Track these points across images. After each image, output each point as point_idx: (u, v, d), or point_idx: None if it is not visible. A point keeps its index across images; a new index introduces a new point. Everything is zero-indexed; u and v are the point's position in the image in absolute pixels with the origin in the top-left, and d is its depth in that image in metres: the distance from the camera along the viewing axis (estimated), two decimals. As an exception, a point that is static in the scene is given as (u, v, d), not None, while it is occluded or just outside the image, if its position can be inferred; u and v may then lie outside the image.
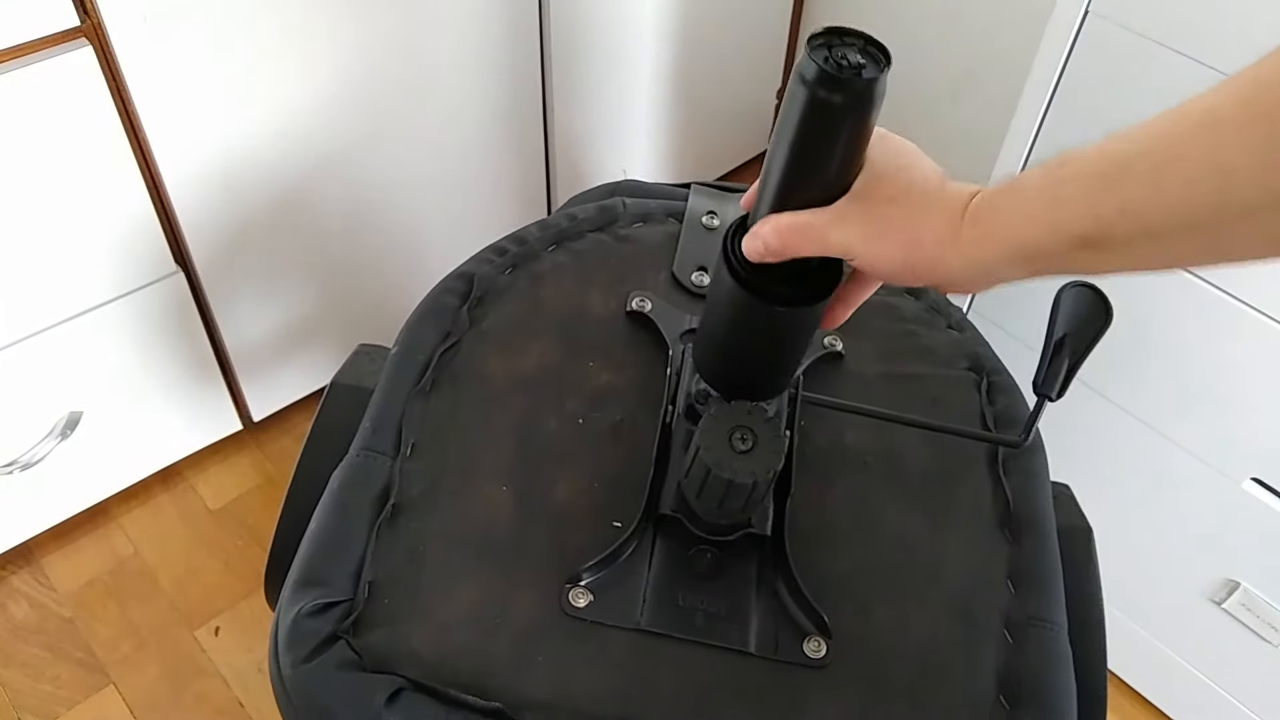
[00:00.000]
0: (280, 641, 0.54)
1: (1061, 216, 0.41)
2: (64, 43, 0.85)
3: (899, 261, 0.47)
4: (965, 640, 0.58)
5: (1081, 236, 0.41)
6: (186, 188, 1.00)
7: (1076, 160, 0.41)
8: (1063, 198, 0.41)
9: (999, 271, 0.45)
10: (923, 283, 0.48)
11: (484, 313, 0.70)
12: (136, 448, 1.17)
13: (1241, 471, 0.89)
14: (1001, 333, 1.00)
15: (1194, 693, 1.06)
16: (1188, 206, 0.37)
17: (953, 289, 0.48)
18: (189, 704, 1.09)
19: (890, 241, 0.47)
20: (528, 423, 0.64)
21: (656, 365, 0.67)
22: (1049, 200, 0.42)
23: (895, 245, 0.47)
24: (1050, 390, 0.61)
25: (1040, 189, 0.43)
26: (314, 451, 0.67)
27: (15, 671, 1.10)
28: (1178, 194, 0.37)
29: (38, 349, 1.00)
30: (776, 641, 0.56)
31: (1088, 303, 0.62)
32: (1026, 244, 0.43)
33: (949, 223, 0.45)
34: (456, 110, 1.17)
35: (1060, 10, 0.82)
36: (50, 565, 1.19)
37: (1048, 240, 0.42)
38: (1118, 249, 0.40)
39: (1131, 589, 1.03)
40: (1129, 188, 0.39)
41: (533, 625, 0.55)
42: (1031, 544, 0.62)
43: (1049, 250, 0.42)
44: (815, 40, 0.44)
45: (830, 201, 0.48)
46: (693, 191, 0.80)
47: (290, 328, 1.20)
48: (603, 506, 0.60)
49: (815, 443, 0.65)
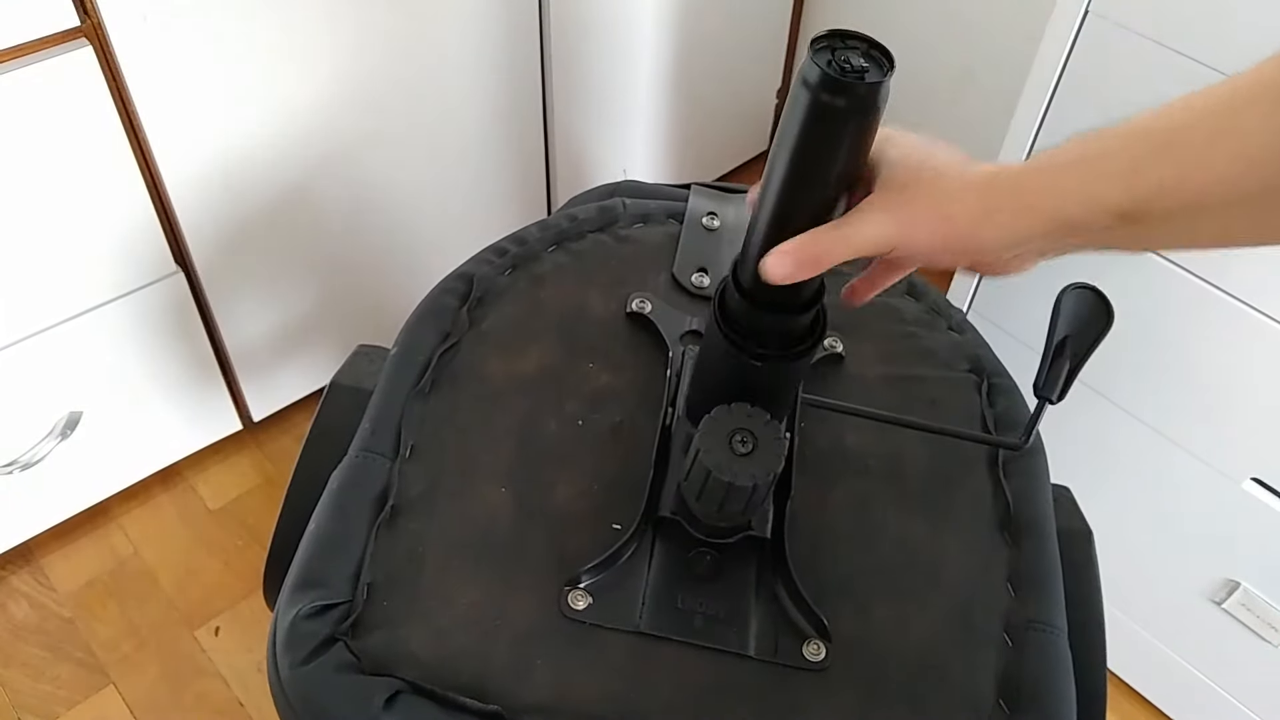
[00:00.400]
0: (278, 643, 0.54)
1: (1098, 190, 0.41)
2: (64, 43, 0.85)
3: (938, 244, 0.47)
4: (965, 643, 0.58)
5: (1119, 210, 0.41)
6: (186, 188, 1.00)
7: (1113, 135, 0.42)
8: (1100, 172, 0.42)
9: (1038, 245, 0.45)
10: (964, 261, 0.48)
11: (484, 313, 0.69)
12: (136, 448, 1.17)
13: (1241, 471, 0.89)
14: (1002, 334, 1.00)
15: (1194, 693, 1.06)
16: (1232, 180, 0.38)
17: (997, 267, 0.49)
18: (189, 704, 1.09)
19: (924, 227, 0.47)
20: (527, 424, 0.64)
21: (656, 367, 0.67)
22: (1085, 174, 0.42)
23: (930, 230, 0.47)
24: (1051, 393, 0.61)
25: (1077, 163, 0.43)
26: (313, 452, 0.67)
27: (15, 671, 1.10)
28: (1223, 168, 0.38)
29: (38, 349, 1.00)
30: (776, 644, 0.56)
31: (1089, 305, 0.62)
32: (1063, 217, 0.43)
33: (979, 199, 0.45)
34: (456, 110, 1.17)
35: (1060, 10, 0.82)
36: (50, 565, 1.19)
37: (1083, 214, 0.42)
38: (1156, 223, 0.41)
39: (1131, 589, 1.03)
40: (1170, 162, 0.39)
41: (531, 628, 0.55)
42: (1031, 547, 0.62)
43: (1086, 224, 0.43)
44: (818, 43, 0.44)
45: (833, 205, 0.48)
46: (693, 192, 0.80)
47: (290, 328, 1.20)
48: (602, 508, 0.60)
49: (815, 445, 0.65)
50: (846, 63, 0.43)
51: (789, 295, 0.51)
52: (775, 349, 0.53)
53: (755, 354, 0.53)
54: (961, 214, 0.46)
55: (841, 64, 0.43)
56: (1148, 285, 0.86)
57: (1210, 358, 0.86)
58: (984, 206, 0.45)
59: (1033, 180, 0.45)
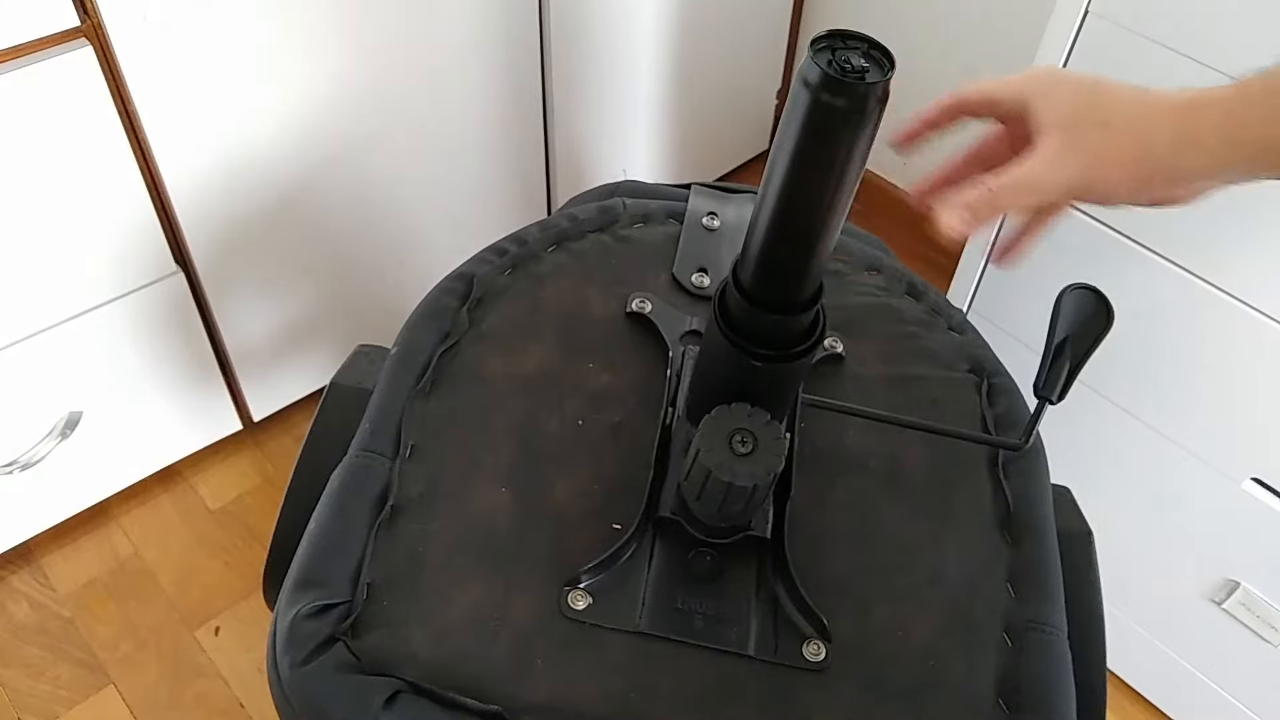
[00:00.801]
0: (278, 643, 0.54)
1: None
2: (64, 43, 0.85)
3: (1131, 179, 0.45)
4: (965, 643, 0.58)
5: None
6: (186, 188, 1.00)
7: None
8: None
9: (1238, 173, 0.44)
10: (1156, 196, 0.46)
11: (484, 313, 0.69)
12: (136, 448, 1.17)
13: (1241, 471, 0.89)
14: (1002, 335, 1.00)
15: (1194, 693, 1.06)
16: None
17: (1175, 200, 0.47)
18: (189, 704, 1.09)
19: (1116, 163, 0.45)
20: (527, 424, 0.64)
21: (656, 366, 0.67)
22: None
23: (1123, 164, 0.45)
24: (1051, 393, 0.61)
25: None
26: (313, 452, 0.67)
27: (15, 671, 1.10)
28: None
29: (38, 349, 1.00)
30: (776, 644, 0.56)
31: (1089, 305, 0.62)
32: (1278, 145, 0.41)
33: (1180, 127, 0.44)
34: (457, 110, 1.17)
35: (1060, 10, 0.82)
36: (50, 565, 1.19)
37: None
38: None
39: (1131, 589, 1.03)
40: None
41: (531, 628, 0.55)
42: (1031, 547, 0.62)
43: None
44: (818, 43, 0.44)
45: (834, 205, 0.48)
46: (693, 192, 0.80)
47: (290, 328, 1.20)
48: (602, 508, 0.60)
49: (815, 445, 0.65)
50: (847, 63, 0.43)
51: (788, 295, 0.51)
52: (775, 349, 0.53)
53: (755, 354, 0.53)
54: (1163, 144, 0.44)
55: (842, 64, 0.43)
56: (1148, 285, 0.86)
57: (1210, 358, 0.86)
58: (1187, 134, 0.43)
59: (1243, 105, 0.42)
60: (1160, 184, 0.45)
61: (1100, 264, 0.89)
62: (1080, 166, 0.45)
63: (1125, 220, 0.86)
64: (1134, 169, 0.45)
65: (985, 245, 0.98)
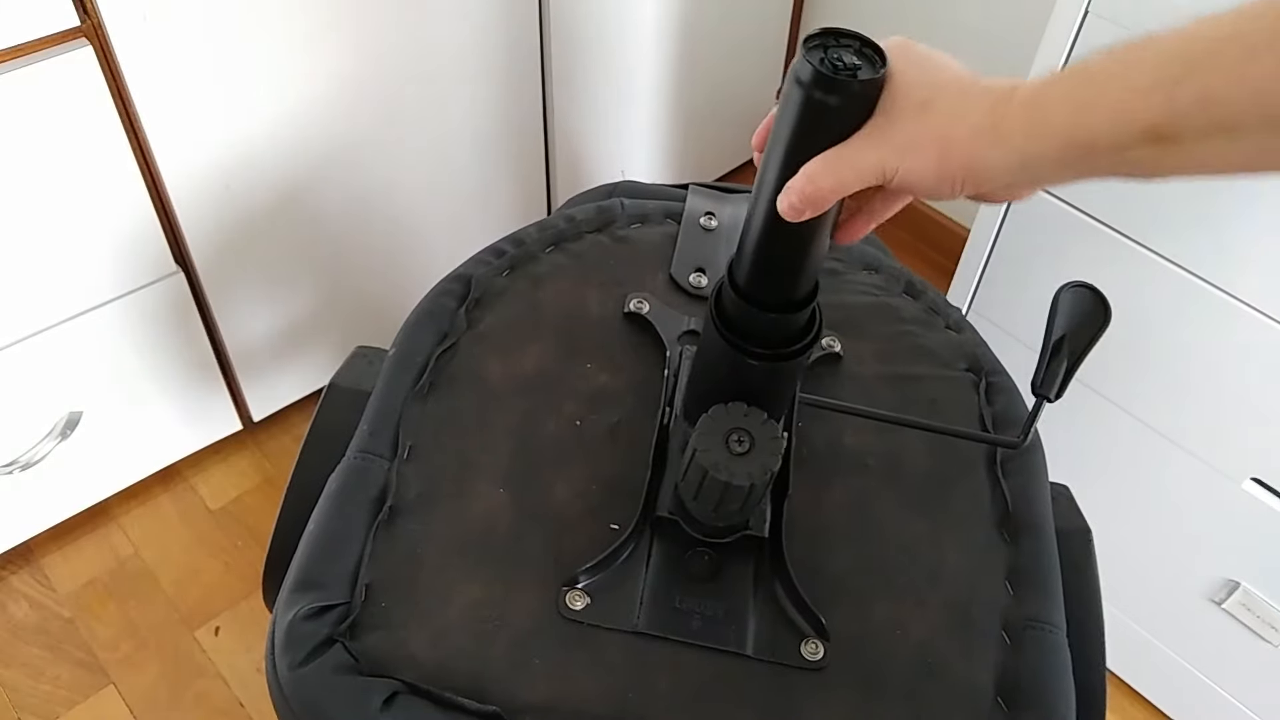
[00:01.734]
0: (277, 644, 0.54)
1: (1131, 103, 0.38)
2: (64, 43, 0.85)
3: (934, 170, 0.43)
4: (963, 642, 0.58)
5: (1151, 127, 0.37)
6: (186, 188, 1.00)
7: (1150, 44, 0.38)
8: (1134, 84, 0.38)
9: (1044, 170, 0.41)
10: (961, 191, 0.44)
11: (482, 314, 0.69)
12: (136, 448, 1.17)
13: (1241, 471, 0.89)
14: (1000, 333, 1.00)
15: (1194, 693, 1.06)
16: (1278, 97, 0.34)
17: (992, 196, 0.45)
18: (189, 704, 1.09)
19: (924, 150, 0.43)
20: (525, 425, 0.64)
21: (654, 367, 0.67)
22: (1118, 85, 0.38)
23: (929, 152, 0.43)
24: (1049, 391, 0.61)
25: (1108, 73, 0.39)
26: (311, 454, 0.67)
27: (15, 671, 1.10)
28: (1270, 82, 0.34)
29: (38, 349, 1.00)
30: (774, 644, 0.56)
31: (1086, 303, 0.62)
32: (1085, 134, 0.39)
33: (987, 112, 0.41)
34: (456, 110, 1.17)
35: (1060, 10, 0.82)
36: (50, 565, 1.19)
37: (1110, 130, 0.38)
38: (1187, 143, 0.37)
39: (1131, 589, 1.03)
40: (1213, 73, 0.36)
41: (529, 628, 0.55)
42: (1030, 545, 0.62)
43: (1109, 142, 0.39)
44: (811, 41, 0.44)
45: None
46: (690, 192, 0.80)
47: (290, 328, 1.20)
48: (600, 509, 0.60)
49: (813, 444, 0.65)
50: (839, 60, 0.43)
51: (783, 293, 0.51)
52: (771, 348, 0.53)
53: (751, 353, 0.53)
54: (964, 134, 0.42)
55: (834, 62, 0.43)
56: (1146, 284, 0.86)
57: (1209, 357, 0.86)
58: (993, 124, 0.41)
59: (1054, 93, 0.40)
60: (961, 178, 0.43)
61: (1098, 262, 0.89)
62: (891, 149, 0.43)
63: (1124, 219, 0.86)
64: (936, 159, 0.43)
65: (986, 245, 0.98)
